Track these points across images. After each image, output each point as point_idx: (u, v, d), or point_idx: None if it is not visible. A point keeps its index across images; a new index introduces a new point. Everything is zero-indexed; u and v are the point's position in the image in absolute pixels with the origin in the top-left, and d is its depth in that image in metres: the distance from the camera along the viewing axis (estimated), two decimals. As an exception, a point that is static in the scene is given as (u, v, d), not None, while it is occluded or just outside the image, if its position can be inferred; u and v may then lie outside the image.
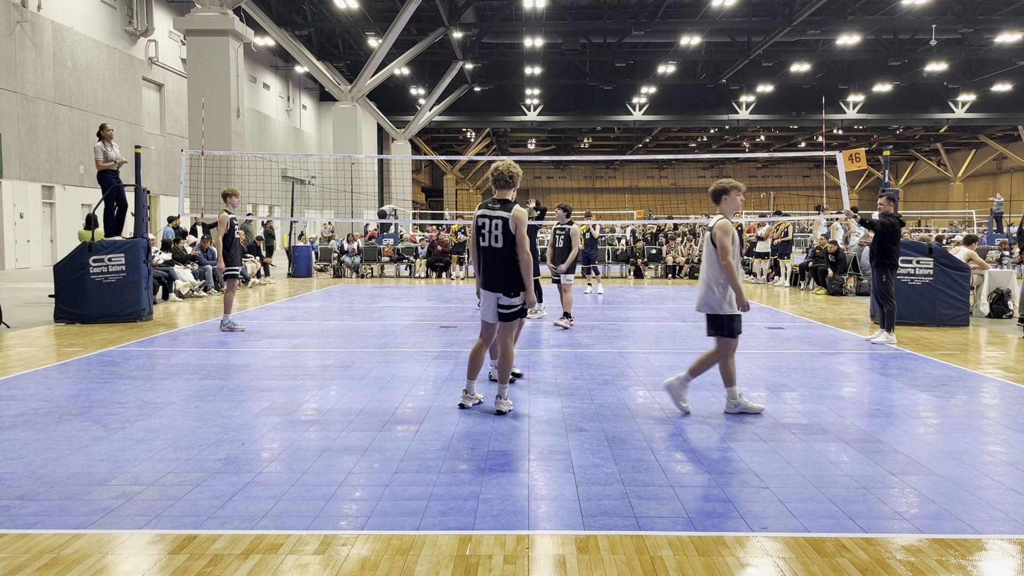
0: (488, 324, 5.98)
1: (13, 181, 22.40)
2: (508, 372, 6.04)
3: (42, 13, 23.42)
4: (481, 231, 5.73)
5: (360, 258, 22.34)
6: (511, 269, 5.72)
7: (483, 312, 5.96)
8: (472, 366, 6.05)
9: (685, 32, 31.03)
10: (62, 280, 11.26)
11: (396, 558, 3.40)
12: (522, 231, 5.67)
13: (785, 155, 37.61)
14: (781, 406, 6.23)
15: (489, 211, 5.72)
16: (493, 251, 5.72)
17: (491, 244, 5.72)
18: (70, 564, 3.34)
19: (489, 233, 5.69)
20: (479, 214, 5.75)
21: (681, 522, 3.81)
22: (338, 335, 10.42)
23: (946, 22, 29.04)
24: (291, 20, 29.95)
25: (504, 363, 6.00)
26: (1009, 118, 43.55)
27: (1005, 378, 7.47)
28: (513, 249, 5.68)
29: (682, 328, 11.03)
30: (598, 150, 66.08)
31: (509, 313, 5.84)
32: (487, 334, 6.04)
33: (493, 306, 5.83)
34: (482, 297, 5.92)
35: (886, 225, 9.50)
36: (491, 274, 5.78)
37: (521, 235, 5.66)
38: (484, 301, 5.91)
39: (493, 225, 5.68)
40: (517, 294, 5.77)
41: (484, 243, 5.72)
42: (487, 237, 5.71)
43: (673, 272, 22.01)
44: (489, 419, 5.76)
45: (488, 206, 5.75)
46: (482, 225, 5.72)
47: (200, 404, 6.19)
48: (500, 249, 5.69)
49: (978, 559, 3.44)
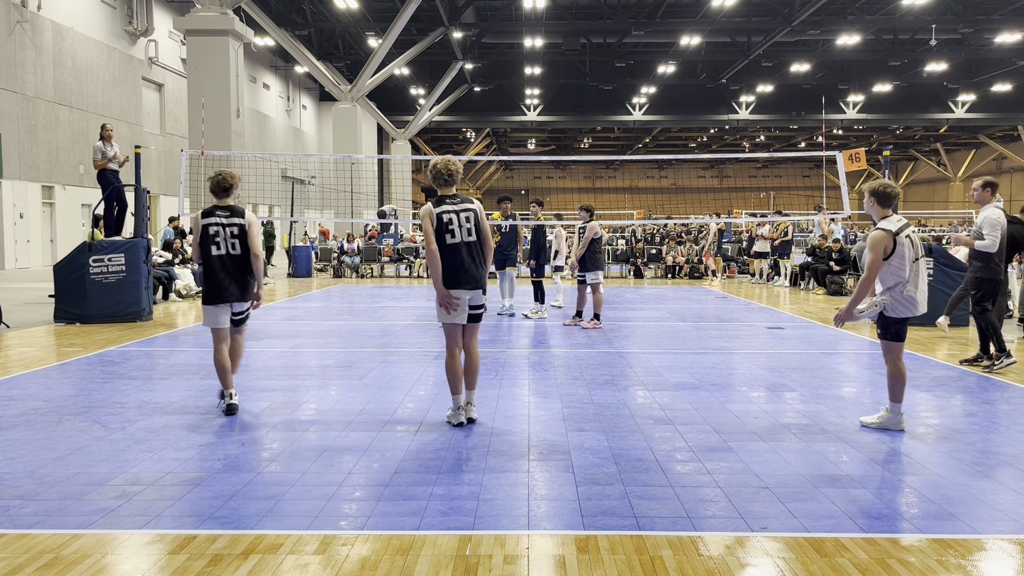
0: (456, 328, 5.57)
1: (13, 181, 22.41)
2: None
3: (42, 13, 23.42)
4: (449, 227, 5.42)
5: (360, 258, 22.34)
6: (484, 263, 5.58)
7: (457, 315, 5.48)
8: (454, 381, 5.60)
9: (685, 32, 31.03)
10: (62, 280, 11.26)
11: (396, 558, 3.40)
12: (486, 221, 5.63)
13: (785, 155, 37.59)
14: (781, 406, 6.23)
15: (455, 206, 5.45)
16: (468, 245, 5.47)
17: (464, 239, 5.44)
18: (70, 564, 3.34)
19: (460, 227, 5.43)
20: (440, 211, 5.42)
21: (681, 522, 3.81)
22: (338, 335, 10.42)
23: (946, 22, 29.04)
24: (291, 20, 29.94)
25: (478, 369, 5.73)
26: (1009, 118, 43.55)
27: (1005, 378, 7.47)
28: (481, 241, 5.54)
29: (682, 328, 11.03)
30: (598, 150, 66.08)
31: (481, 313, 5.66)
32: (457, 340, 5.61)
33: (467, 307, 5.53)
34: (454, 298, 5.44)
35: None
36: (473, 270, 5.49)
37: (486, 225, 5.61)
38: (459, 304, 5.48)
39: (464, 219, 5.44)
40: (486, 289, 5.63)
41: (455, 239, 5.42)
42: (458, 232, 5.42)
43: (673, 272, 22.01)
44: (488, 420, 5.75)
45: (447, 202, 5.47)
46: (449, 221, 5.42)
47: (200, 404, 6.19)
48: (474, 242, 5.51)
49: (978, 559, 3.44)
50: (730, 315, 12.85)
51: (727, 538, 3.63)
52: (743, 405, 6.25)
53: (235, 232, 5.81)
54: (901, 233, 5.33)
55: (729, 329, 11.00)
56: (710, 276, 20.58)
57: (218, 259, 5.78)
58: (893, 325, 5.46)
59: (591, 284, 10.92)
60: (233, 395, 5.92)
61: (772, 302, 15.05)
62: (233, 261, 5.82)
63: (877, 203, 5.46)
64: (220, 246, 5.76)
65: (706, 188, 71.65)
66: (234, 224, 5.81)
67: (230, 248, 5.78)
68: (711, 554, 3.46)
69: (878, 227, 5.38)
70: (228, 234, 5.78)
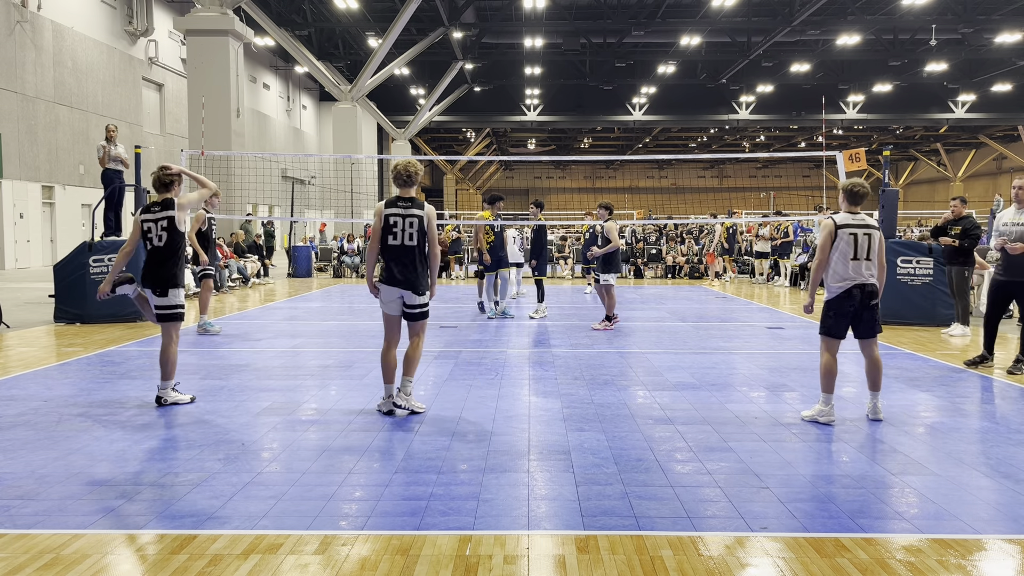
0: (393, 319, 5.93)
1: (13, 181, 22.40)
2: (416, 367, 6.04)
3: (42, 13, 23.42)
4: (393, 229, 5.75)
5: (360, 258, 22.34)
6: (423, 267, 5.85)
7: (388, 307, 5.89)
8: (385, 371, 5.93)
9: (685, 32, 31.01)
10: (62, 280, 11.26)
11: (396, 558, 3.40)
12: (434, 228, 5.86)
13: (785, 155, 37.56)
14: (781, 406, 6.23)
15: (402, 210, 5.77)
16: (406, 249, 5.76)
17: (404, 242, 5.76)
18: (70, 564, 3.34)
19: (403, 231, 5.74)
20: (388, 213, 5.76)
21: (681, 522, 3.81)
22: (338, 335, 10.42)
23: (946, 22, 29.02)
24: (291, 20, 29.93)
25: (416, 359, 6.00)
26: (1009, 118, 43.51)
27: (1005, 378, 7.47)
28: (424, 247, 5.82)
29: (682, 328, 11.03)
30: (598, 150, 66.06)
31: (420, 312, 5.91)
32: (392, 333, 5.98)
33: (399, 302, 5.85)
34: (383, 292, 5.84)
35: (975, 227, 10.31)
36: (400, 271, 5.76)
37: (433, 232, 5.86)
38: (386, 296, 5.84)
39: (407, 223, 5.75)
40: (425, 293, 5.87)
41: (396, 241, 5.75)
42: (400, 235, 5.75)
43: (673, 272, 22.00)
44: (489, 420, 5.76)
45: (398, 205, 5.78)
46: (394, 224, 5.75)
47: (200, 404, 6.20)
48: (414, 247, 5.77)
49: (978, 559, 3.44)
50: (730, 315, 12.85)
51: (727, 538, 3.63)
52: (743, 405, 6.25)
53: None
54: (846, 228, 5.62)
55: (729, 329, 11.00)
56: (712, 276, 20.52)
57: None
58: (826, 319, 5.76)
59: (605, 286, 10.82)
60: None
61: (772, 302, 15.05)
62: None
63: (847, 200, 5.80)
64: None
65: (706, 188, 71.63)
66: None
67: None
68: (711, 554, 3.46)
69: (831, 216, 5.78)
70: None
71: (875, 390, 5.81)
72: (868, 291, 5.62)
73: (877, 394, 5.82)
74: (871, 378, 5.80)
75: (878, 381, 5.79)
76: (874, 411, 5.79)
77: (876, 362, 5.77)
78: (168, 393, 6.16)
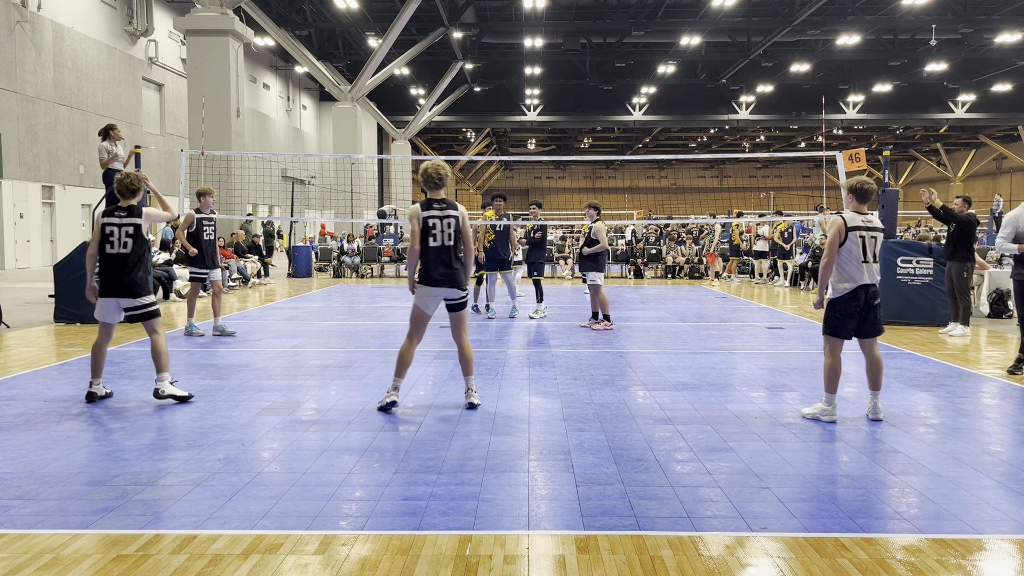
0: (425, 318, 6.06)
1: (13, 181, 22.41)
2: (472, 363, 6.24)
3: (42, 13, 23.43)
4: (433, 231, 5.93)
5: (360, 258, 22.35)
6: (461, 263, 6.06)
7: (427, 306, 6.03)
8: (400, 365, 6.05)
9: (685, 32, 31.02)
10: (62, 280, 11.27)
11: (396, 558, 3.40)
12: (468, 226, 6.08)
13: (785, 155, 37.58)
14: (781, 406, 6.23)
15: (439, 211, 5.95)
16: (445, 248, 5.96)
17: (444, 243, 5.95)
18: (70, 564, 3.34)
19: (442, 232, 5.93)
20: (427, 215, 5.92)
21: (681, 522, 3.81)
22: (338, 335, 10.42)
23: (946, 22, 29.03)
24: (291, 20, 29.94)
25: (471, 357, 6.20)
26: (1009, 118, 43.54)
27: (1005, 378, 7.47)
28: (461, 245, 6.03)
29: (682, 328, 11.03)
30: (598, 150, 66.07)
31: (463, 302, 6.12)
32: (419, 330, 6.10)
33: (438, 301, 6.05)
34: (425, 293, 5.97)
35: (970, 222, 10.23)
36: (443, 272, 5.95)
37: (467, 230, 6.07)
38: (426, 295, 5.98)
39: (445, 224, 5.94)
40: (466, 287, 6.13)
41: (436, 243, 5.94)
42: (439, 237, 5.93)
43: (673, 272, 22.00)
44: (489, 420, 5.76)
45: (435, 207, 5.96)
46: (433, 226, 5.93)
47: (200, 404, 6.20)
48: (452, 247, 5.98)
49: (978, 559, 3.44)
50: (730, 315, 12.85)
51: (727, 538, 3.63)
52: (743, 405, 6.25)
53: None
54: (856, 231, 5.62)
55: (729, 329, 11.00)
56: (712, 276, 20.52)
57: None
58: (831, 319, 5.76)
59: (592, 285, 10.88)
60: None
61: (772, 302, 15.05)
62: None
63: (855, 199, 5.79)
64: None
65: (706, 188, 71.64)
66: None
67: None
68: (711, 554, 3.46)
69: (839, 214, 5.76)
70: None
71: (875, 389, 5.82)
72: (872, 292, 5.68)
73: (877, 393, 5.83)
74: (871, 377, 5.81)
75: (878, 380, 5.80)
76: (874, 411, 5.80)
77: (877, 361, 5.78)
78: (164, 386, 6.18)
